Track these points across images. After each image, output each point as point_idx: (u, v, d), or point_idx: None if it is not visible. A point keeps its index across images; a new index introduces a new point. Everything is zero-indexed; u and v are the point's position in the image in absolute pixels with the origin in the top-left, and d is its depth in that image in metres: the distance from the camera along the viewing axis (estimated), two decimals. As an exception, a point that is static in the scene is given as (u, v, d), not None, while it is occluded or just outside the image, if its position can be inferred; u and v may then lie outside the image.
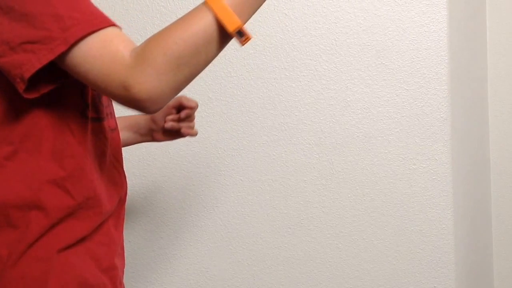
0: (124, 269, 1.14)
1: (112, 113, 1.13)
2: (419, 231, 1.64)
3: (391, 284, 1.66)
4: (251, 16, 0.90)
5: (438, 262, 1.64)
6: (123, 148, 1.34)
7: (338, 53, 1.63)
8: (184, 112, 1.31)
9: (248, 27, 0.88)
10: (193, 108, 1.33)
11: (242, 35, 0.88)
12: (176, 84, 0.88)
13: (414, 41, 1.61)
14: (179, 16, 0.90)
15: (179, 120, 1.33)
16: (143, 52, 0.86)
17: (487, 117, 1.87)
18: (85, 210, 0.98)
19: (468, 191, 1.76)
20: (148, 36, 0.89)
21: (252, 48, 1.65)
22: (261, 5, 0.91)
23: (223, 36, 0.88)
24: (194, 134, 1.36)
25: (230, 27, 0.86)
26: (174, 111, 1.33)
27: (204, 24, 0.87)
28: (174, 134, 1.34)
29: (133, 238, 1.72)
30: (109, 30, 0.89)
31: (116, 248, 1.07)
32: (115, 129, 1.12)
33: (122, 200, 1.11)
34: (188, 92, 1.68)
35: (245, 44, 0.89)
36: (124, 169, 1.13)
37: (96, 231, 1.00)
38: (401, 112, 1.63)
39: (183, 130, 1.33)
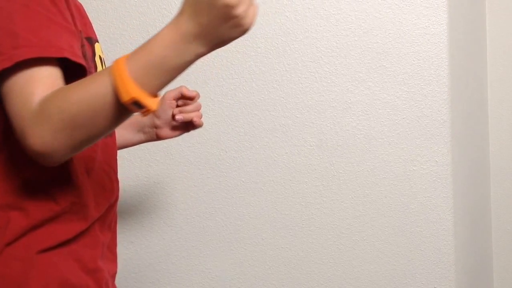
0: (116, 273, 1.13)
1: None
2: (419, 232, 1.65)
3: (391, 285, 1.66)
4: (158, 88, 0.84)
5: (438, 263, 1.64)
6: (126, 149, 1.35)
7: (339, 55, 1.64)
8: (180, 115, 1.28)
9: (250, 30, 0.87)
10: (195, 98, 1.29)
11: (140, 107, 0.82)
12: (72, 143, 0.85)
13: (414, 44, 1.62)
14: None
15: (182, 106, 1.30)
16: (43, 105, 0.84)
17: (487, 119, 1.87)
18: (69, 215, 0.97)
19: (468, 192, 1.76)
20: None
21: (253, 50, 1.66)
22: (173, 78, 0.85)
23: (120, 104, 0.82)
24: (201, 124, 1.33)
25: (124, 97, 0.81)
26: (176, 102, 1.30)
27: (104, 89, 0.82)
28: (181, 127, 1.32)
29: (135, 239, 1.72)
30: (45, 69, 0.87)
31: (102, 251, 1.06)
32: (111, 134, 1.10)
33: (111, 206, 1.09)
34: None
35: (146, 115, 0.84)
36: (119, 175, 1.12)
37: (80, 235, 0.99)
38: (401, 114, 1.63)
39: (195, 120, 1.30)
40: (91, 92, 0.83)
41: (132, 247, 1.72)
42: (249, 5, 0.82)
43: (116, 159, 1.12)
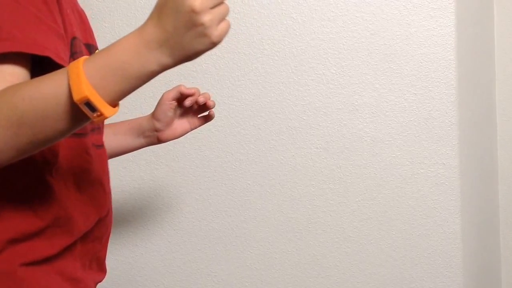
0: (102, 280, 1.12)
1: (100, 129, 1.09)
2: (427, 235, 1.64)
3: (398, 289, 1.66)
4: (116, 95, 0.79)
5: (446, 267, 1.63)
6: (132, 152, 1.34)
7: (345, 57, 1.63)
8: (188, 101, 1.25)
9: (255, 32, 0.85)
10: (195, 94, 1.26)
11: (93, 110, 0.77)
12: (16, 144, 0.80)
13: (422, 45, 1.61)
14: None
15: (184, 109, 1.28)
16: None
17: (495, 121, 1.86)
18: (53, 229, 0.95)
19: (476, 195, 1.75)
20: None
21: (260, 52, 1.65)
22: (134, 87, 0.79)
23: (72, 106, 0.78)
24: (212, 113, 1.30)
25: (76, 95, 0.76)
26: (175, 103, 1.27)
27: (58, 88, 0.78)
28: (184, 127, 1.29)
29: (140, 242, 1.72)
30: (13, 67, 0.83)
31: (89, 263, 1.05)
32: (102, 145, 1.08)
33: (101, 219, 1.06)
34: (196, 96, 1.68)
35: (98, 120, 0.78)
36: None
37: (65, 250, 0.98)
38: (408, 116, 1.62)
39: (211, 113, 1.28)
40: (44, 90, 0.79)
41: (137, 250, 1.72)
42: (217, 16, 0.78)
43: (107, 171, 1.10)
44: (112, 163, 1.67)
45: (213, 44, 0.79)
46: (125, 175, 1.70)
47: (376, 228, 1.65)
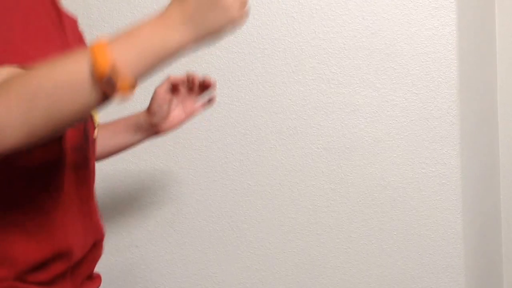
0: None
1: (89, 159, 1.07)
2: (428, 235, 1.63)
3: (400, 289, 1.65)
4: (137, 71, 0.77)
5: (448, 267, 1.63)
6: (131, 153, 1.34)
7: (346, 57, 1.63)
8: (193, 82, 1.26)
9: (255, 31, 0.85)
10: (188, 79, 1.26)
11: (113, 87, 0.75)
12: (27, 121, 0.75)
13: (423, 45, 1.60)
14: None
15: (181, 98, 1.28)
16: (3, 80, 0.77)
17: (497, 121, 1.86)
18: (53, 262, 0.96)
19: (478, 195, 1.75)
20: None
21: (260, 52, 1.64)
22: (154, 66, 0.79)
23: (91, 84, 0.75)
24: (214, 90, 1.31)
25: (100, 66, 0.74)
26: (169, 96, 1.27)
27: (76, 65, 0.76)
28: (181, 117, 1.29)
29: (140, 243, 1.71)
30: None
31: (79, 283, 1.04)
32: (87, 166, 1.06)
33: (96, 244, 1.07)
34: (196, 96, 1.67)
35: (116, 96, 0.76)
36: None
37: (57, 277, 0.98)
38: (410, 116, 1.62)
39: (213, 96, 1.29)
40: (62, 66, 0.76)
41: (137, 251, 1.71)
42: None
43: (93, 195, 1.09)
44: (111, 164, 1.66)
45: (237, 21, 0.81)
46: (124, 176, 1.70)
47: (377, 228, 1.64)
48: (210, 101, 1.31)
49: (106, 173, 1.68)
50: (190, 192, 1.69)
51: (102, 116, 1.19)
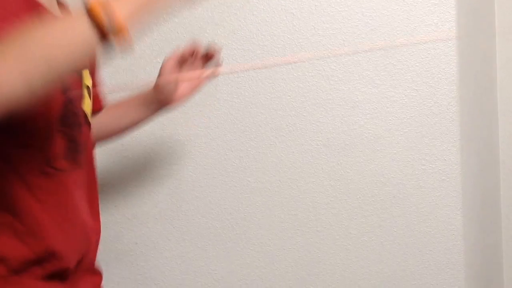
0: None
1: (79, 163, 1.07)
2: (428, 232, 1.63)
3: (400, 286, 1.65)
4: (132, 15, 0.78)
5: (448, 264, 1.63)
6: (131, 149, 1.34)
7: (346, 53, 1.62)
8: (198, 53, 1.27)
9: (254, 28, 0.85)
10: (193, 50, 1.28)
11: (113, 27, 0.76)
12: (25, 69, 0.74)
13: (422, 41, 1.60)
14: (182, 19, 0.88)
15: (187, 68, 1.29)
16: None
17: (497, 117, 1.86)
18: (46, 262, 0.96)
19: (478, 191, 1.75)
20: (153, 39, 0.87)
21: (260, 49, 1.64)
22: (149, 11, 0.80)
23: (89, 26, 0.76)
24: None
25: (93, 8, 0.75)
26: (176, 69, 1.28)
27: (75, 19, 0.77)
28: (189, 89, 1.31)
29: (140, 241, 1.71)
30: None
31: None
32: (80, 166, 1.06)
33: (91, 246, 1.08)
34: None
35: (121, 40, 0.77)
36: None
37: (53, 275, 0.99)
38: (409, 112, 1.62)
39: (217, 60, 1.29)
40: (61, 24, 0.77)
41: (137, 248, 1.71)
42: None
43: (91, 197, 1.10)
44: (110, 160, 1.66)
45: None
46: (124, 173, 1.70)
47: (377, 225, 1.64)
48: (215, 69, 1.31)
49: (105, 170, 1.68)
50: (190, 189, 1.69)
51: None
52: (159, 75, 1.29)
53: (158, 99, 1.30)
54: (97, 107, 1.28)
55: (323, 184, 1.65)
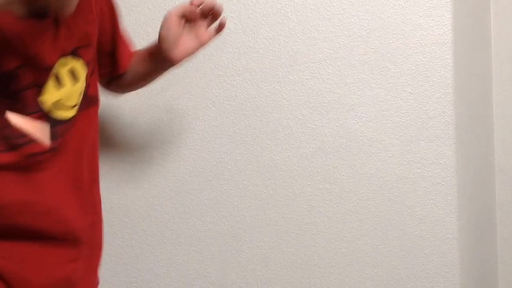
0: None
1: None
2: (424, 235, 1.63)
3: (395, 289, 1.65)
4: None
5: (443, 267, 1.62)
6: (126, 152, 1.34)
7: (341, 57, 1.62)
8: (202, 8, 1.25)
9: (250, 31, 0.85)
10: (196, 7, 1.26)
11: None
12: None
13: (418, 44, 1.60)
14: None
15: (191, 24, 1.28)
16: None
17: (492, 121, 1.86)
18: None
19: (473, 195, 1.75)
20: (151, 38, 0.87)
21: (255, 51, 1.64)
22: None
23: None
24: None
25: None
26: (178, 20, 1.25)
27: None
28: (193, 43, 1.29)
29: (135, 243, 1.71)
30: None
31: None
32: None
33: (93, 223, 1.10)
34: (190, 95, 1.68)
35: None
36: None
37: None
38: (405, 115, 1.61)
39: (222, 21, 1.28)
40: None
41: (132, 251, 1.71)
42: None
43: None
44: (108, 161, 1.66)
45: None
46: (119, 175, 1.69)
47: (372, 229, 1.64)
48: (220, 26, 1.30)
49: (101, 172, 1.68)
50: (185, 192, 1.68)
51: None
52: (161, 27, 1.27)
53: (161, 49, 1.27)
54: (125, 64, 1.33)
55: (318, 187, 1.65)
